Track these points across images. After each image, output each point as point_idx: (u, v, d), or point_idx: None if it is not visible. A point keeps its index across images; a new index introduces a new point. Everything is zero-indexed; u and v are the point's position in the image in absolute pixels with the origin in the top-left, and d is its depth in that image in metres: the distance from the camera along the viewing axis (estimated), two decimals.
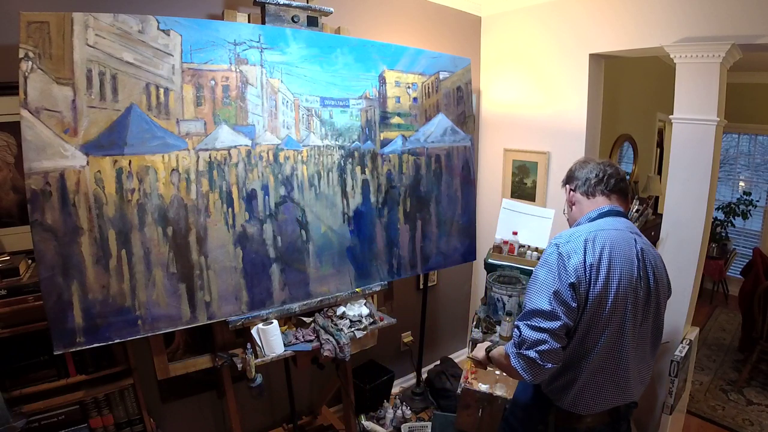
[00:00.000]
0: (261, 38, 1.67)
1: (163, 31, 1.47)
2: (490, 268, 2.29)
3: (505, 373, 1.32)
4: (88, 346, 1.40)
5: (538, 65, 2.69)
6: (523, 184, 2.89)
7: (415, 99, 2.13)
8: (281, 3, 1.76)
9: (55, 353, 1.36)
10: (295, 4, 1.80)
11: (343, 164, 1.92)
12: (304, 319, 1.90)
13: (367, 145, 1.99)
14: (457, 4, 2.79)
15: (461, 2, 2.80)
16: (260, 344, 1.71)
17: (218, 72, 1.58)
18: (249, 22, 1.76)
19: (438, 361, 3.09)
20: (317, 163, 1.85)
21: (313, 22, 1.85)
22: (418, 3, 2.61)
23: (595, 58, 2.48)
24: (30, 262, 1.54)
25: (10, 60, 1.33)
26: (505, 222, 2.44)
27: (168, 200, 1.51)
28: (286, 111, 1.75)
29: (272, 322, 1.73)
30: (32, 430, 1.46)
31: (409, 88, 2.11)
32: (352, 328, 1.93)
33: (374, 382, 2.58)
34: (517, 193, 2.92)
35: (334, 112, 1.88)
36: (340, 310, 1.97)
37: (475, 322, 2.17)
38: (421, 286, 2.75)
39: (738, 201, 4.82)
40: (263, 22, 1.75)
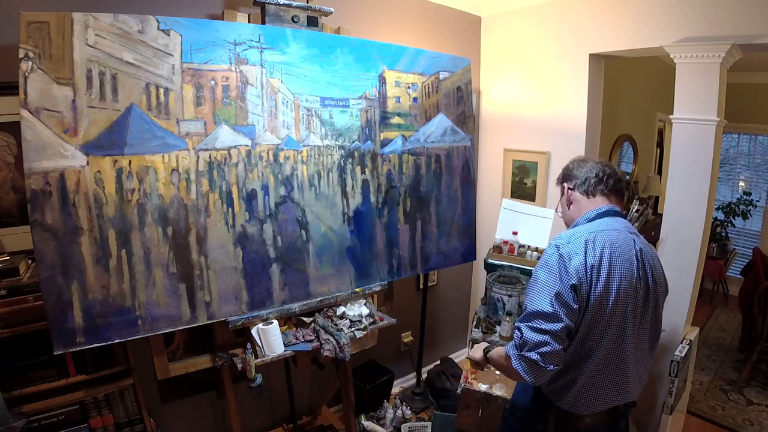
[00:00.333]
0: (261, 38, 1.67)
1: (163, 31, 1.47)
2: (490, 268, 2.29)
3: (505, 375, 1.32)
4: (88, 346, 1.40)
5: (538, 65, 2.69)
6: (523, 184, 2.89)
7: (415, 99, 2.13)
8: (281, 3, 1.76)
9: (55, 353, 1.36)
10: (295, 4, 1.80)
11: (343, 164, 1.92)
12: (304, 319, 1.90)
13: (367, 145, 1.99)
14: (457, 4, 2.79)
15: (461, 2, 2.80)
16: (260, 344, 1.71)
17: (218, 72, 1.58)
18: (249, 22, 1.76)
19: (438, 361, 3.09)
20: (317, 163, 1.85)
21: (313, 22, 1.86)
22: (418, 3, 2.61)
23: (595, 58, 2.48)
24: (30, 262, 1.54)
25: (10, 60, 1.33)
26: (505, 222, 2.44)
27: (168, 200, 1.51)
28: (286, 111, 1.75)
29: (272, 322, 1.73)
30: (32, 430, 1.46)
31: (409, 88, 2.11)
32: (352, 328, 1.93)
33: (374, 382, 2.58)
34: (517, 193, 2.92)
35: (334, 112, 1.88)
36: (340, 310, 1.97)
37: (475, 322, 2.17)
38: (421, 286, 2.75)
39: (738, 201, 4.82)
40: (263, 22, 1.75)
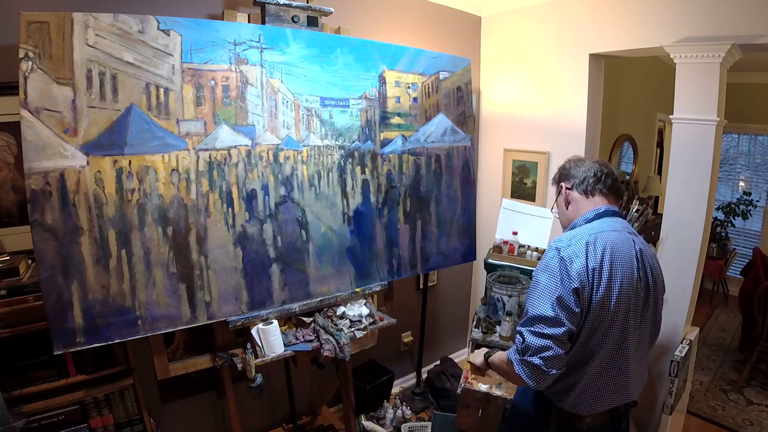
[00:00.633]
0: (261, 38, 1.67)
1: (163, 31, 1.47)
2: (490, 268, 2.29)
3: (507, 380, 1.31)
4: (88, 346, 1.40)
5: (538, 65, 2.69)
6: (523, 184, 2.89)
7: (415, 99, 2.13)
8: (281, 3, 1.76)
9: (55, 353, 1.36)
10: (295, 4, 1.80)
11: (343, 164, 1.92)
12: (304, 319, 1.90)
13: (367, 145, 1.99)
14: (457, 4, 2.79)
15: (461, 2, 2.80)
16: (260, 344, 1.71)
17: (218, 72, 1.58)
18: (249, 22, 1.76)
19: (438, 361, 3.09)
20: (317, 163, 1.85)
21: (313, 22, 1.85)
22: (418, 3, 2.61)
23: (595, 58, 2.48)
24: (30, 262, 1.54)
25: (10, 60, 1.33)
26: (505, 222, 2.44)
27: (168, 200, 1.51)
28: (286, 111, 1.75)
29: (272, 322, 1.73)
30: (32, 430, 1.46)
31: (409, 88, 2.11)
32: (352, 328, 1.93)
33: (374, 382, 2.58)
34: (517, 193, 2.92)
35: (334, 112, 1.88)
36: (340, 310, 1.97)
37: (475, 322, 2.17)
38: (421, 286, 2.75)
39: (738, 201, 4.82)
40: (263, 22, 1.75)
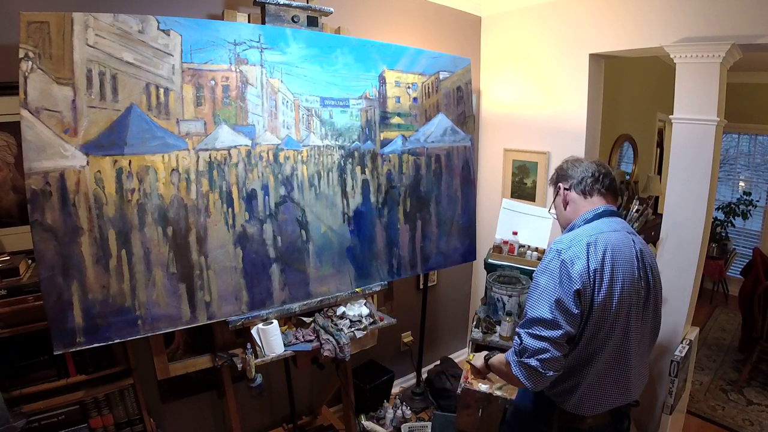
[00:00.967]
0: (261, 38, 1.67)
1: (163, 31, 1.47)
2: (490, 268, 2.29)
3: (506, 381, 1.31)
4: (88, 346, 1.40)
5: (538, 65, 2.69)
6: (523, 184, 2.89)
7: (415, 99, 2.13)
8: (281, 3, 1.76)
9: (55, 353, 1.36)
10: (295, 4, 1.80)
11: (343, 164, 1.92)
12: (304, 319, 1.90)
13: (367, 145, 1.99)
14: (457, 4, 2.79)
15: (461, 2, 2.80)
16: (260, 344, 1.71)
17: (218, 72, 1.58)
18: (249, 22, 1.76)
19: (438, 361, 3.08)
20: (317, 163, 1.85)
21: (313, 22, 1.85)
22: (418, 3, 2.61)
23: (595, 58, 2.48)
24: (30, 262, 1.54)
25: (10, 60, 1.33)
26: (505, 222, 2.44)
27: (168, 200, 1.51)
28: (286, 111, 1.75)
29: (272, 322, 1.73)
30: (32, 430, 1.46)
31: (409, 88, 2.11)
32: (352, 328, 1.93)
33: (374, 382, 2.58)
34: (517, 193, 2.92)
35: (334, 112, 1.88)
36: (340, 310, 1.96)
37: (475, 322, 2.17)
38: (421, 286, 2.75)
39: (738, 201, 4.82)
40: (263, 22, 1.75)
